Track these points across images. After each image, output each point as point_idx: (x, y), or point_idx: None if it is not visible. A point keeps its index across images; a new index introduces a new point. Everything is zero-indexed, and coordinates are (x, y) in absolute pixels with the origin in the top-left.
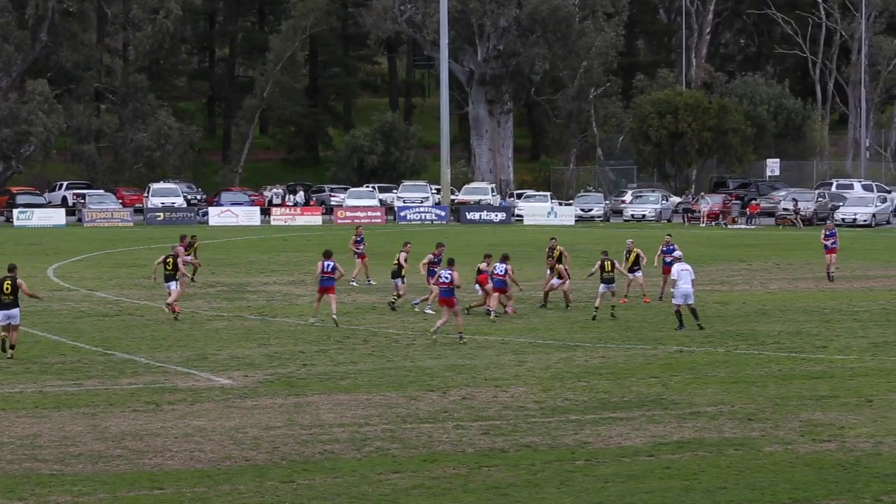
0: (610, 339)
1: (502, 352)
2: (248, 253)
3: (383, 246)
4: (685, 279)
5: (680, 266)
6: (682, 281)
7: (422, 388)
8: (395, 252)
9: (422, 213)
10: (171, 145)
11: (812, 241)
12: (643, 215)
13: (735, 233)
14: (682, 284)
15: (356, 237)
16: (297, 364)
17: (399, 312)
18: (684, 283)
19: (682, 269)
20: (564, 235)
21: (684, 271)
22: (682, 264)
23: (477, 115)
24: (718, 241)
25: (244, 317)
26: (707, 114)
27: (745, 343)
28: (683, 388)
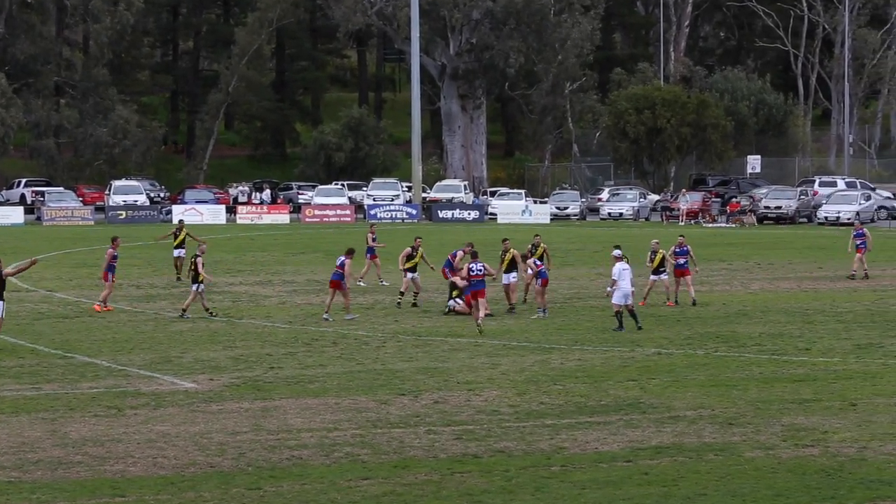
0: (586, 342)
1: (475, 354)
2: (213, 252)
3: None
4: (626, 279)
5: (621, 265)
6: (624, 280)
7: (393, 392)
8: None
9: (392, 211)
10: (132, 141)
11: (792, 239)
12: (620, 213)
13: (715, 231)
14: (624, 284)
15: (372, 235)
16: (264, 367)
17: (371, 315)
18: (625, 283)
19: (624, 268)
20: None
21: (625, 271)
22: (623, 263)
23: (449, 111)
24: (698, 240)
25: (209, 318)
26: (686, 109)
27: (725, 345)
28: (662, 391)
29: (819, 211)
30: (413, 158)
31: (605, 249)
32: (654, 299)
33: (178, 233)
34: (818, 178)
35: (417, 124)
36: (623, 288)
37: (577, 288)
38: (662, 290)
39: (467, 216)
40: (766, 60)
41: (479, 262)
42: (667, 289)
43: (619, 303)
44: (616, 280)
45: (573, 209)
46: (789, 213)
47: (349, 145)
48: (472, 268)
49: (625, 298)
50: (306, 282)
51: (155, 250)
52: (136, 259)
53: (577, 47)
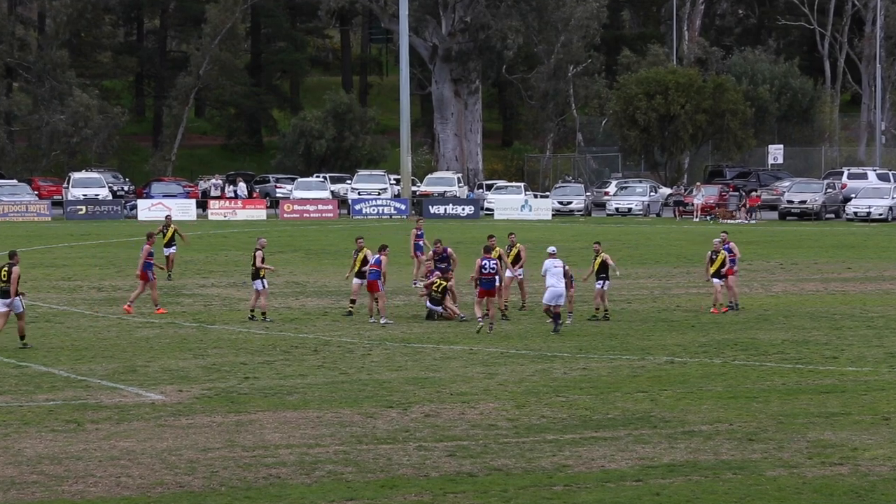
0: (592, 349)
1: (470, 363)
2: (182, 252)
3: (336, 244)
4: (558, 277)
5: (552, 262)
6: (555, 278)
7: (380, 404)
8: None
9: (379, 206)
10: (93, 129)
11: (818, 236)
12: (629, 209)
13: (733, 228)
14: (556, 283)
15: (417, 231)
16: (239, 377)
17: (356, 320)
18: (557, 282)
19: (556, 265)
20: (540, 232)
21: (556, 268)
22: (555, 260)
23: (441, 96)
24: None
25: (178, 324)
26: (701, 94)
27: (744, 353)
28: (675, 404)
29: (848, 206)
30: (402, 148)
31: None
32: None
33: (166, 230)
34: (847, 170)
35: (406, 111)
36: (556, 288)
37: (581, 291)
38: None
39: (461, 212)
40: (790, 40)
41: (493, 259)
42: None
43: (548, 302)
44: (544, 276)
45: (577, 204)
46: (815, 208)
47: (332, 134)
48: (485, 265)
49: (556, 299)
50: (285, 284)
51: (118, 249)
52: (98, 259)
53: (581, 27)
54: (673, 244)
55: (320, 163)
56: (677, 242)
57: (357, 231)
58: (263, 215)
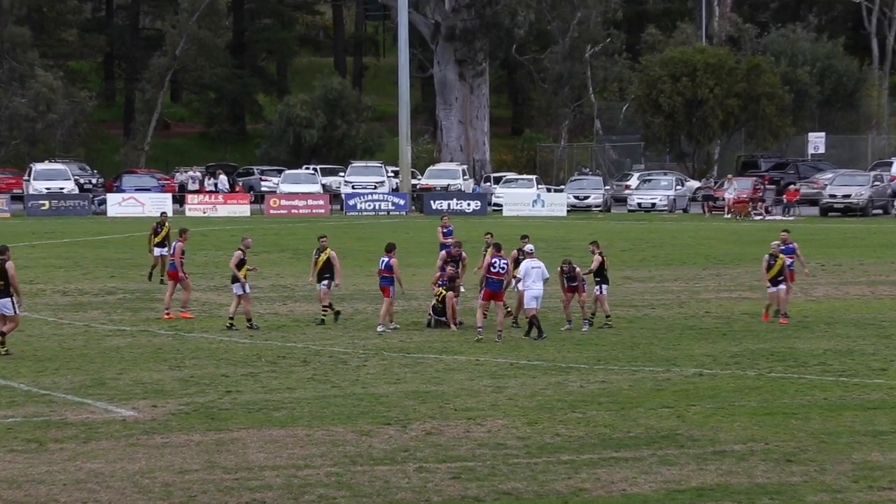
0: (611, 360)
1: (476, 375)
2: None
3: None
4: (537, 279)
5: (530, 263)
6: (533, 281)
7: (376, 421)
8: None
9: (375, 201)
10: (58, 115)
11: (864, 234)
12: (652, 204)
13: (769, 226)
14: (534, 285)
15: (443, 229)
16: (220, 391)
17: (350, 327)
18: (537, 285)
19: (534, 266)
20: (553, 230)
21: (535, 269)
22: (533, 261)
23: (444, 80)
24: (747, 235)
25: (152, 331)
26: (733, 76)
27: (781, 364)
28: (704, 420)
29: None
30: (400, 137)
31: (634, 248)
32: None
33: (160, 228)
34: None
35: (406, 96)
36: (534, 290)
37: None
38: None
39: (466, 207)
40: (833, 16)
41: (504, 259)
42: (778, 301)
43: (529, 306)
44: (523, 279)
45: (595, 199)
46: (860, 202)
47: (322, 121)
48: (495, 263)
49: (536, 302)
50: (271, 287)
51: (85, 249)
52: (63, 259)
53: (600, 2)
54: (702, 243)
55: (310, 153)
56: (706, 241)
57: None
58: (247, 211)
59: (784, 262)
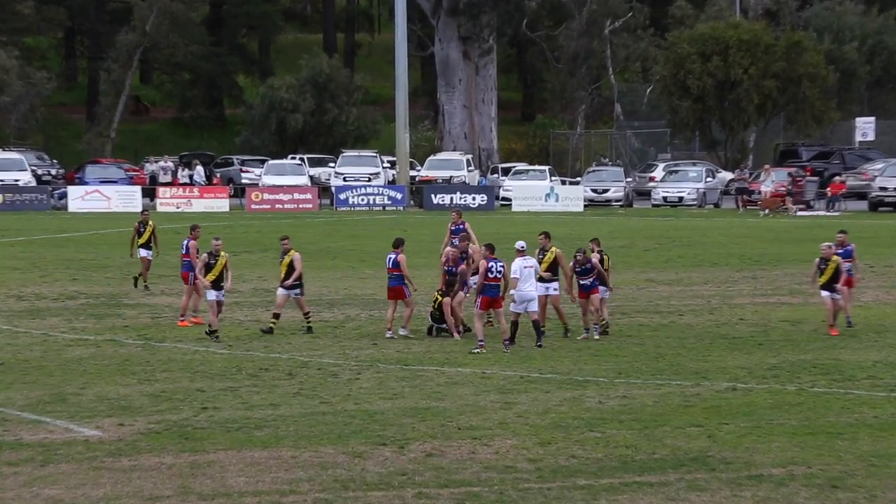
0: (633, 373)
1: (482, 389)
2: (124, 251)
3: (317, 242)
4: (530, 281)
5: (523, 262)
6: (527, 283)
7: (370, 442)
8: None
9: (369, 195)
10: (12, 98)
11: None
12: (679, 198)
13: (811, 222)
14: (527, 287)
15: (453, 226)
16: (195, 407)
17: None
18: (529, 287)
19: (527, 265)
20: (569, 227)
21: (528, 269)
22: (526, 260)
23: (447, 59)
24: (786, 233)
25: (119, 340)
26: (771, 54)
27: (825, 378)
28: (738, 441)
29: None
30: (397, 123)
31: (659, 247)
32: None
33: (143, 227)
34: None
35: (404, 77)
36: (525, 292)
37: (621, 300)
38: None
39: (471, 202)
40: None
41: (501, 261)
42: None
43: (518, 310)
44: (517, 280)
45: (615, 192)
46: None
47: (310, 105)
48: (492, 268)
49: (525, 306)
50: (252, 291)
51: (43, 248)
52: (18, 260)
53: None
54: (735, 242)
55: (296, 141)
56: (741, 240)
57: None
58: (226, 206)
59: (839, 265)
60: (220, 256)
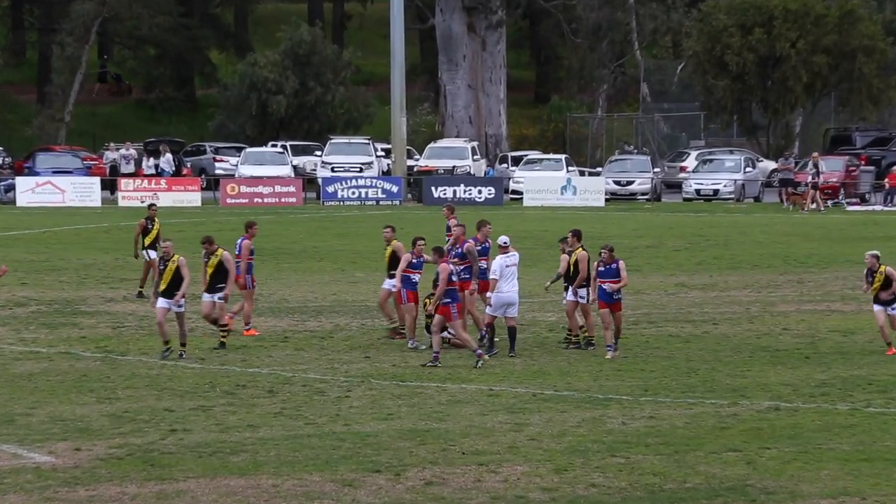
0: (662, 390)
1: (489, 408)
2: (81, 251)
3: (301, 241)
4: (511, 281)
5: (505, 259)
6: (507, 283)
7: (362, 468)
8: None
9: (361, 188)
10: None
11: None
12: (715, 191)
13: (866, 218)
14: (507, 288)
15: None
16: (162, 430)
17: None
18: (509, 287)
19: (508, 263)
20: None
21: (511, 268)
22: (508, 257)
23: (449, 33)
24: (837, 232)
25: (75, 354)
26: (821, 26)
27: (882, 396)
28: (782, 468)
29: None
30: (393, 106)
31: (691, 247)
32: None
33: (151, 224)
34: None
35: (400, 53)
36: (505, 294)
37: (647, 307)
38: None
39: (477, 195)
40: None
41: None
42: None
43: (495, 314)
44: (496, 280)
45: (641, 184)
46: None
47: (293, 85)
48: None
49: (504, 308)
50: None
51: None
52: None
53: None
54: (778, 241)
55: (278, 127)
56: (785, 239)
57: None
58: (197, 200)
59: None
60: (170, 261)
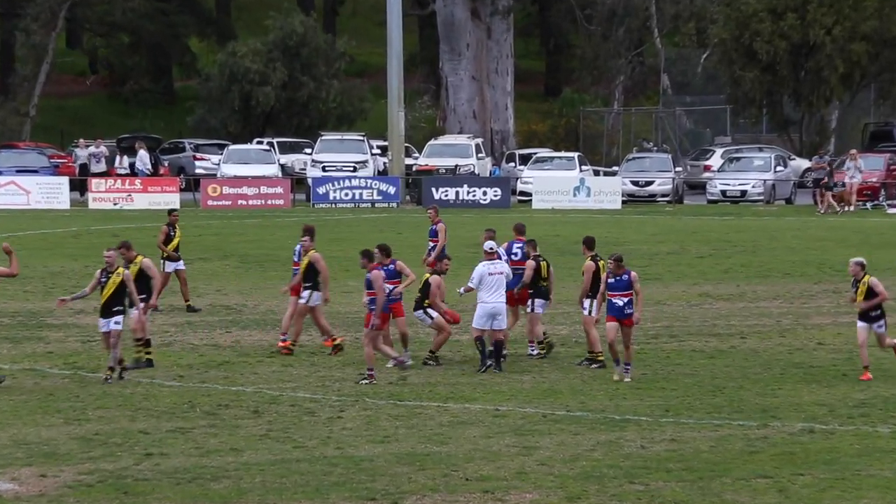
0: (684, 410)
1: (496, 430)
2: (48, 258)
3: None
4: (498, 290)
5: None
6: (493, 293)
7: (355, 496)
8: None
9: (355, 189)
10: None
11: None
12: (742, 192)
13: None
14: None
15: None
16: (137, 454)
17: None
18: (495, 297)
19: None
20: (604, 227)
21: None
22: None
23: (451, 20)
24: (877, 237)
25: (41, 370)
26: (860, 11)
27: None
28: (817, 497)
29: None
30: (390, 100)
31: (716, 253)
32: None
33: (173, 231)
34: None
35: (398, 42)
36: (491, 304)
37: (669, 319)
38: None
39: (482, 197)
40: None
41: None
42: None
43: (482, 326)
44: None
45: (661, 185)
46: None
47: (281, 77)
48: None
49: (491, 320)
50: (209, 308)
51: None
52: None
53: None
54: (812, 247)
55: (264, 122)
56: (820, 244)
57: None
58: (175, 201)
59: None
60: (113, 273)
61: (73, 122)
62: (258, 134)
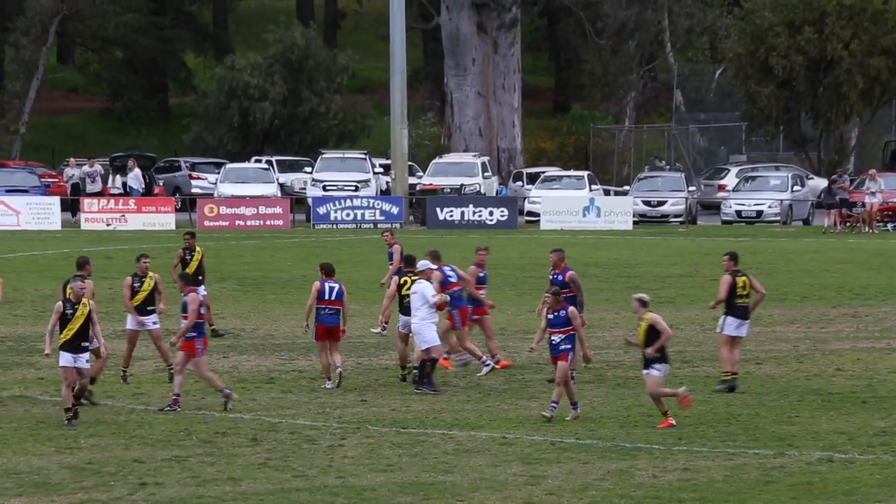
0: (698, 438)
1: (503, 458)
2: (38, 281)
3: (289, 270)
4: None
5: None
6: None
7: None
8: (313, 278)
9: (357, 209)
10: None
11: None
12: (758, 212)
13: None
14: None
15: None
16: (131, 483)
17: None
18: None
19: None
20: (614, 249)
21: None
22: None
23: (456, 34)
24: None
25: (31, 397)
26: (880, 24)
27: None
28: None
29: None
30: (392, 117)
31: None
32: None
33: (190, 255)
34: None
35: (401, 57)
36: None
37: (682, 343)
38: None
39: (488, 217)
40: None
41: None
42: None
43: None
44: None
45: (674, 205)
46: None
47: (281, 92)
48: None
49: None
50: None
51: None
52: None
53: None
54: (831, 269)
55: (262, 139)
56: (838, 266)
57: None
58: (171, 222)
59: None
60: (79, 304)
61: (64, 141)
62: (256, 152)
